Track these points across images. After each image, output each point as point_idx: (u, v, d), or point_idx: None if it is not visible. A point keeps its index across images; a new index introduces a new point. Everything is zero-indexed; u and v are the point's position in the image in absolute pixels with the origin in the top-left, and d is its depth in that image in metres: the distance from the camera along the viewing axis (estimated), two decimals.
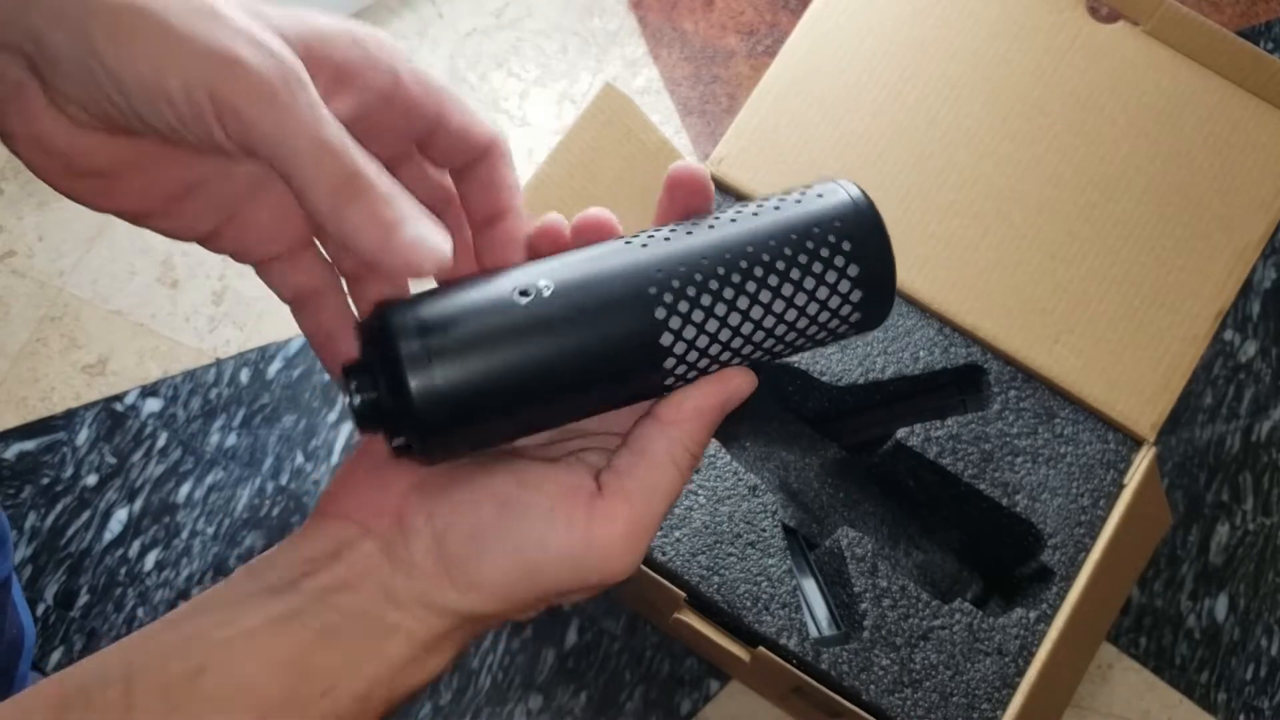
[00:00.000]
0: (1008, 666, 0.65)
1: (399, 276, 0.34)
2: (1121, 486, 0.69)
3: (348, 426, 0.85)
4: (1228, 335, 0.94)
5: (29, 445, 0.83)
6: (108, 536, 0.82)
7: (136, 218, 0.35)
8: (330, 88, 0.32)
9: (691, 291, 0.32)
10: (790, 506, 0.75)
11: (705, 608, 0.66)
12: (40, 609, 0.80)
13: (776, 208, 0.35)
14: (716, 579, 0.65)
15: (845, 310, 0.34)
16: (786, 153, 0.72)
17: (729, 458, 0.68)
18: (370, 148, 0.32)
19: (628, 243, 0.33)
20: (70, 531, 0.82)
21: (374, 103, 0.32)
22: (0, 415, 0.83)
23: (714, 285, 0.33)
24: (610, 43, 0.98)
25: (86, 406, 0.84)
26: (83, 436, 0.83)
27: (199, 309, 0.87)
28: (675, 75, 0.97)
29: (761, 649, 0.64)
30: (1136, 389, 0.70)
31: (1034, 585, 0.68)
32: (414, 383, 0.31)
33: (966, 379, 0.72)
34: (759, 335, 0.34)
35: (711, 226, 0.34)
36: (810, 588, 0.68)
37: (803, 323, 0.34)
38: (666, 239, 0.33)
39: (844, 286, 0.34)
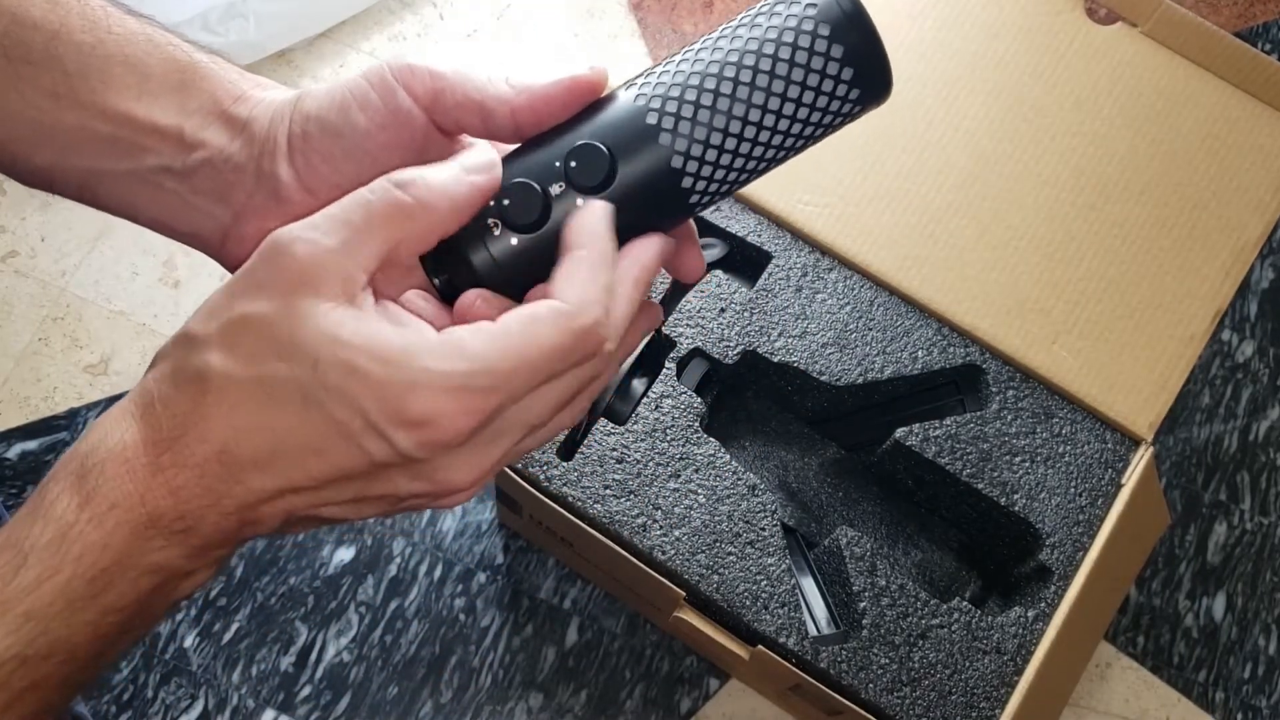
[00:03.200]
0: (1006, 665, 0.65)
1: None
2: (1119, 486, 0.69)
3: None
4: (1225, 335, 0.94)
5: (31, 445, 0.83)
6: None
7: None
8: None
9: (688, 113, 0.36)
10: (789, 506, 0.75)
11: (705, 606, 0.67)
12: None
13: (756, 20, 0.37)
14: (716, 578, 0.65)
15: (842, 90, 0.37)
16: None
17: (728, 457, 0.68)
18: None
19: (627, 90, 0.37)
20: None
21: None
22: (3, 415, 0.84)
23: (707, 101, 0.36)
24: (610, 44, 0.98)
25: (89, 406, 0.84)
26: None
27: None
28: None
29: (761, 647, 0.65)
30: (1134, 389, 0.70)
31: (1032, 584, 0.69)
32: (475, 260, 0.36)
33: (965, 379, 0.72)
34: (764, 135, 0.37)
35: (699, 52, 0.37)
36: (809, 586, 0.68)
37: (803, 112, 0.37)
38: (660, 75, 0.37)
39: (833, 69, 0.36)
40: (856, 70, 0.37)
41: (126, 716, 0.77)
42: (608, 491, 0.66)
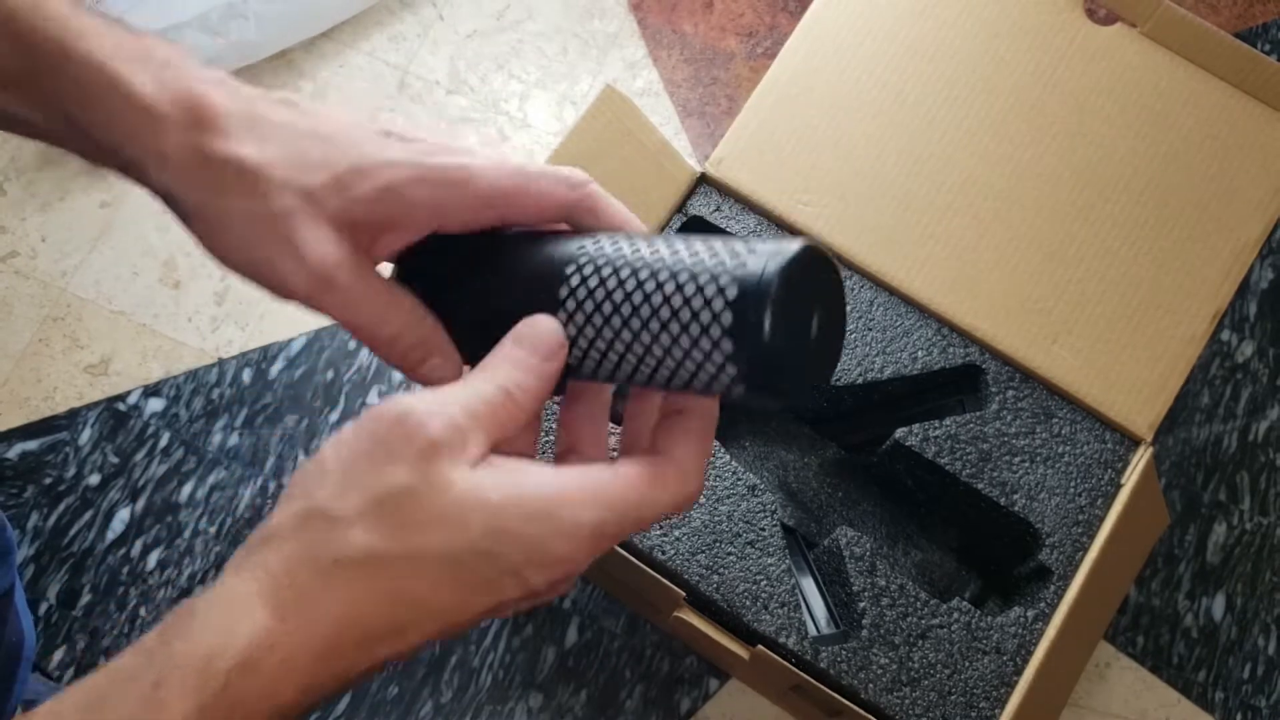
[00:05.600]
0: (1005, 665, 0.65)
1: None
2: (1119, 486, 0.69)
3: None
4: (1225, 335, 0.94)
5: (32, 445, 0.83)
6: (110, 536, 0.82)
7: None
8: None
9: (593, 284, 0.35)
10: (789, 506, 0.75)
11: (705, 606, 0.67)
12: (43, 608, 0.80)
13: (709, 248, 0.34)
14: (716, 578, 0.66)
15: (717, 358, 0.32)
16: (786, 154, 0.73)
17: (728, 457, 0.68)
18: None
19: (582, 237, 0.37)
20: (73, 531, 0.82)
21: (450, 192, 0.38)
22: (3, 415, 0.84)
23: (605, 292, 0.35)
24: (610, 45, 0.98)
25: (89, 406, 0.84)
26: (85, 436, 0.84)
27: (201, 309, 0.87)
28: (675, 77, 0.97)
29: (761, 647, 0.65)
30: (1134, 389, 0.70)
31: (1032, 584, 0.69)
32: None
33: (965, 379, 0.72)
34: (630, 355, 0.35)
35: (650, 244, 0.35)
36: (809, 586, 0.68)
37: (669, 363, 0.34)
38: (607, 243, 0.36)
39: (713, 332, 0.32)
40: (737, 345, 0.31)
41: None
42: None
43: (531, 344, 0.35)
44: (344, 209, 0.36)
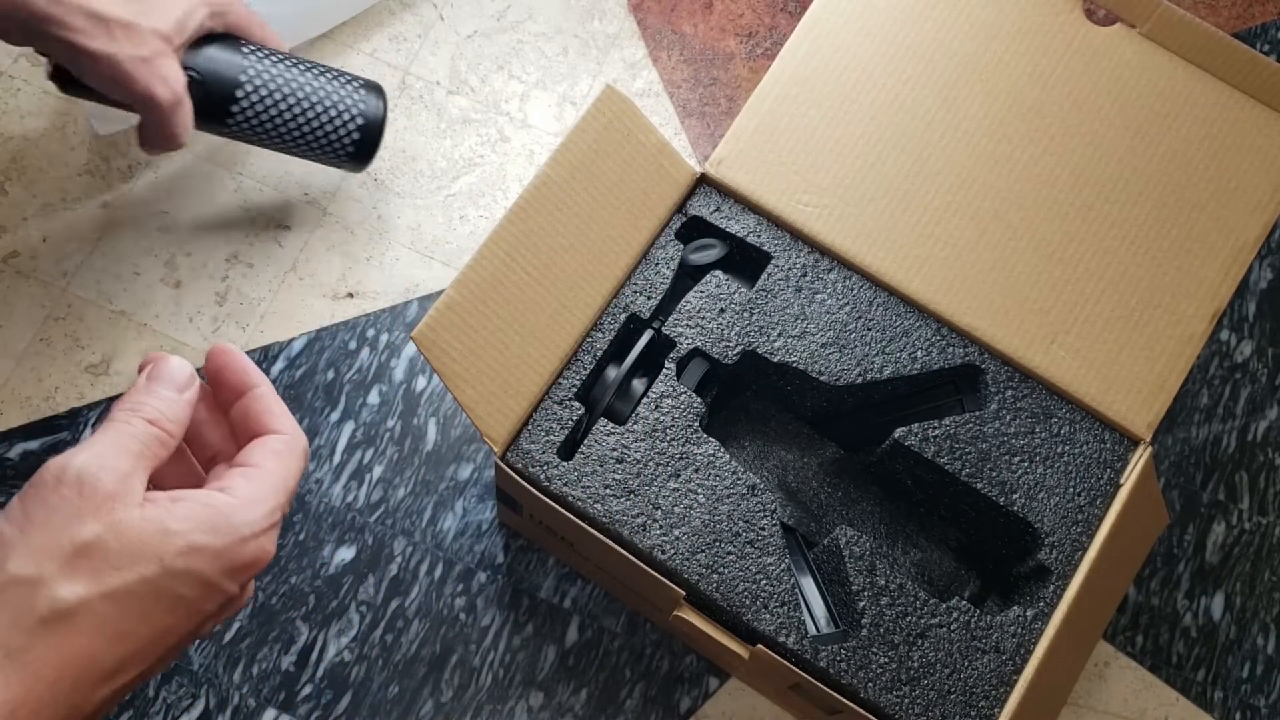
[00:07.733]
0: (1005, 664, 0.66)
1: None
2: (1118, 485, 0.70)
3: (350, 426, 0.85)
4: (1224, 335, 0.94)
5: (33, 445, 0.84)
6: None
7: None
8: None
9: (262, 84, 0.74)
10: (789, 505, 0.75)
11: (704, 606, 0.67)
12: None
13: (334, 76, 0.79)
14: (716, 577, 0.66)
15: (346, 142, 0.78)
16: (785, 154, 0.73)
17: (728, 457, 0.68)
18: None
19: (252, 56, 0.75)
20: None
21: None
22: (4, 415, 0.84)
23: (278, 88, 0.75)
24: (610, 45, 0.98)
25: (90, 406, 0.85)
26: (87, 436, 0.84)
27: (202, 309, 0.88)
28: (675, 78, 0.98)
29: (760, 647, 0.65)
30: (1133, 389, 0.70)
31: (1031, 584, 0.69)
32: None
33: (964, 379, 0.72)
34: (289, 123, 0.75)
35: (296, 64, 0.76)
36: (809, 586, 0.69)
37: (320, 132, 0.76)
38: (268, 58, 0.75)
39: (348, 133, 0.78)
40: (359, 142, 0.79)
41: (128, 716, 0.77)
42: (608, 491, 0.66)
43: (167, 379, 0.42)
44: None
